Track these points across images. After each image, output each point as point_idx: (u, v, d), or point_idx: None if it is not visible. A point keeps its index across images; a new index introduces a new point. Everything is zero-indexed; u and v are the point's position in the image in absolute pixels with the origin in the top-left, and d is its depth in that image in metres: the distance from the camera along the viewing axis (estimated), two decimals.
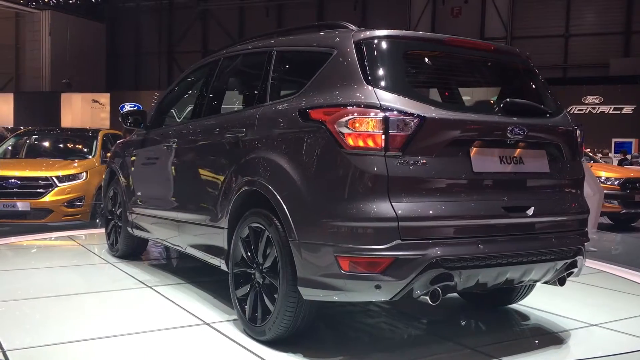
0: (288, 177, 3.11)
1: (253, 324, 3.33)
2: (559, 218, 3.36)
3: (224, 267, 3.70)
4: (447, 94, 3.59)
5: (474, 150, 3.07)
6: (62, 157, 9.08)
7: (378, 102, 2.90)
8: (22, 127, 16.70)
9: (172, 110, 5.25)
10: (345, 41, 3.19)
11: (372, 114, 2.87)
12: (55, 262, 5.75)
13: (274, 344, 3.23)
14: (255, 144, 3.46)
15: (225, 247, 3.66)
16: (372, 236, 2.82)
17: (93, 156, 9.15)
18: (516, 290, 3.95)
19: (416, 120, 2.89)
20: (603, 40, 24.48)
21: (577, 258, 3.31)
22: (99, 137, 9.57)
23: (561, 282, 3.40)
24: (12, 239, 6.95)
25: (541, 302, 4.26)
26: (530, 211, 3.17)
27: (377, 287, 2.82)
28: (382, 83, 2.99)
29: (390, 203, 2.81)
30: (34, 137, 10.23)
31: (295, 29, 4.00)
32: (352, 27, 3.33)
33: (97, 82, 31.38)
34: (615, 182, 10.27)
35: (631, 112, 21.05)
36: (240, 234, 3.48)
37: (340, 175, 2.89)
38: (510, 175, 3.20)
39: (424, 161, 2.90)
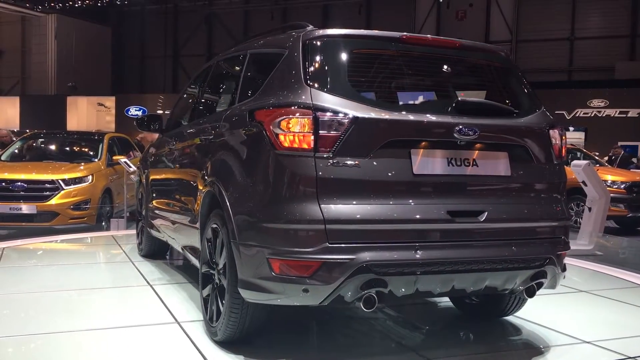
0: (234, 178, 3.13)
1: (210, 324, 3.35)
2: (522, 225, 3.12)
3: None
4: (397, 94, 3.32)
5: (416, 151, 2.93)
6: (68, 160, 9.11)
7: (311, 102, 2.84)
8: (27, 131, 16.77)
9: (181, 115, 5.37)
10: (294, 42, 3.15)
11: (303, 115, 2.82)
12: (82, 259, 6.02)
13: (227, 345, 3.22)
14: (218, 145, 3.48)
15: (200, 247, 3.69)
16: (301, 239, 2.76)
17: (99, 159, 9.18)
18: (505, 300, 3.74)
19: (347, 120, 2.81)
20: (609, 43, 24.39)
21: (545, 268, 3.08)
22: (105, 140, 9.61)
23: (529, 292, 3.18)
24: (49, 238, 7.16)
25: (544, 315, 4.04)
26: (483, 216, 2.97)
27: (305, 290, 2.76)
28: (322, 83, 2.93)
29: (319, 205, 2.75)
30: (40, 140, 10.26)
31: (268, 32, 3.93)
32: (309, 27, 3.26)
33: (103, 86, 31.42)
34: (622, 186, 10.28)
35: (637, 116, 20.94)
36: (206, 235, 3.49)
37: (273, 176, 2.86)
38: (460, 178, 3.01)
39: (357, 162, 2.81)
